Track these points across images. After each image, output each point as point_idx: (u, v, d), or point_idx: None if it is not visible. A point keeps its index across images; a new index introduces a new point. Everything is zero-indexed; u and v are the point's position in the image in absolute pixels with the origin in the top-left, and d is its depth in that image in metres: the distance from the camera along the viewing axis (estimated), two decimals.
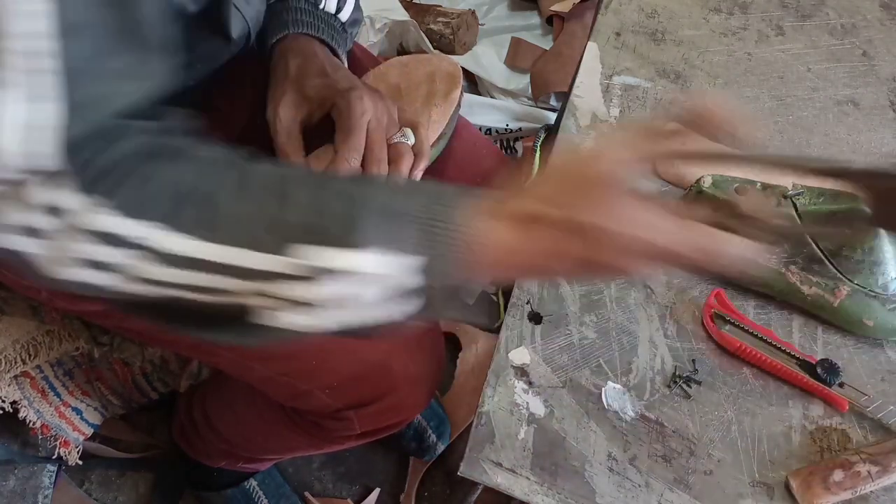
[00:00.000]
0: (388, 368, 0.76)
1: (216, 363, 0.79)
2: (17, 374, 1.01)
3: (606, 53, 0.92)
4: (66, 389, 1.07)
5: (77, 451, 1.12)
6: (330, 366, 0.75)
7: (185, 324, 0.48)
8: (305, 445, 0.91)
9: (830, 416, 0.68)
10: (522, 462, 0.63)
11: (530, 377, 0.67)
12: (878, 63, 0.96)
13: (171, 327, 0.50)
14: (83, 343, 0.99)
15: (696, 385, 0.68)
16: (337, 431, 0.82)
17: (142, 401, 1.15)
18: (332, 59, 0.74)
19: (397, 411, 0.79)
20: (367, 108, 0.68)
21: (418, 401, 0.80)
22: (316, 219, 0.45)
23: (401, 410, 0.79)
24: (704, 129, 0.45)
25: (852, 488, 0.61)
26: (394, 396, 0.77)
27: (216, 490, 1.18)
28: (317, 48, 0.74)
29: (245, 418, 0.96)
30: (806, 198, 0.69)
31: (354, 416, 0.78)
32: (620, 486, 0.62)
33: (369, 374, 0.75)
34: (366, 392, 0.76)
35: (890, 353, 0.72)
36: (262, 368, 0.76)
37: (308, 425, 0.85)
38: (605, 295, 0.73)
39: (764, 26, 0.98)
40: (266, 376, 0.77)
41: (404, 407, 0.79)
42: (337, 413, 0.78)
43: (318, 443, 0.88)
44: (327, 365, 0.75)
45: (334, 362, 0.75)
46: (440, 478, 1.31)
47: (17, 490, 1.17)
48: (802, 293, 0.71)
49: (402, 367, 0.77)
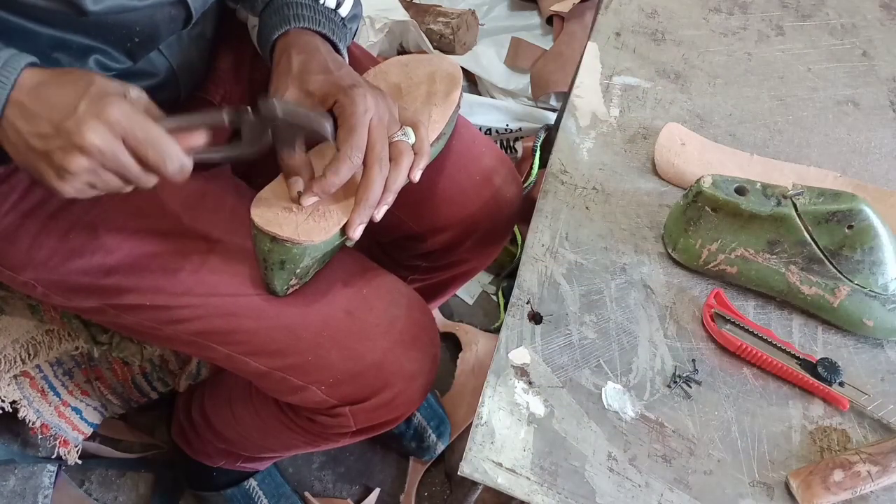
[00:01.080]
0: (384, 365, 0.76)
1: (212, 358, 0.79)
2: (17, 373, 1.01)
3: (606, 53, 0.92)
4: (65, 389, 1.07)
5: (76, 451, 1.12)
6: (325, 362, 0.75)
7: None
8: (301, 443, 0.91)
9: (830, 416, 0.68)
10: (522, 462, 0.63)
11: (530, 377, 0.67)
12: (878, 63, 0.96)
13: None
14: (82, 343, 0.99)
15: (696, 385, 0.68)
16: (332, 428, 0.82)
17: (141, 400, 1.15)
18: (335, 56, 0.75)
19: (392, 408, 0.79)
20: (369, 106, 0.68)
21: (413, 397, 0.80)
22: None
23: (396, 407, 0.79)
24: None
25: (852, 488, 0.61)
26: (389, 393, 0.77)
27: (216, 490, 1.18)
28: (319, 43, 0.74)
29: (241, 416, 0.97)
30: (806, 198, 0.69)
31: (349, 413, 0.78)
32: (620, 486, 0.62)
33: (365, 371, 0.76)
34: (361, 388, 0.77)
35: (890, 353, 0.72)
36: (257, 364, 0.76)
37: (303, 422, 0.85)
38: (605, 295, 0.73)
39: (764, 26, 0.98)
40: (261, 371, 0.77)
41: (399, 404, 0.79)
42: (332, 409, 0.79)
43: (314, 440, 0.88)
44: (323, 361, 0.75)
45: (330, 358, 0.75)
46: (440, 478, 1.31)
47: (17, 490, 1.17)
48: (802, 293, 0.71)
49: (398, 364, 0.77)
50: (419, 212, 0.90)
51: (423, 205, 0.89)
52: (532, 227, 0.76)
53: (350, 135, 0.67)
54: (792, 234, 0.69)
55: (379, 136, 0.68)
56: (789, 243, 0.70)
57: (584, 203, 0.79)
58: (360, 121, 0.67)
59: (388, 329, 0.77)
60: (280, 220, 0.69)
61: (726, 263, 0.73)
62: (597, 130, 0.85)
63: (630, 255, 0.76)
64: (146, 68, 0.75)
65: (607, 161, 0.83)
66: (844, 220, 0.67)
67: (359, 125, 0.67)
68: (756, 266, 0.72)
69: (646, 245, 0.77)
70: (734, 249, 0.72)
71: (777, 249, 0.71)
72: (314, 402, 0.78)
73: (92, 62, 0.70)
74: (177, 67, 0.77)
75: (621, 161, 0.83)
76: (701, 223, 0.72)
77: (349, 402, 0.77)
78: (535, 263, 0.74)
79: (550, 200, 0.79)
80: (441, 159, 0.86)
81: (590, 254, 0.75)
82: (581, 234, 0.77)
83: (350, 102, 0.67)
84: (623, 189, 0.81)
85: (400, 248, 0.99)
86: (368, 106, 0.67)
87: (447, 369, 1.40)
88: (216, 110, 0.67)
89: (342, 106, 0.68)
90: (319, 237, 0.68)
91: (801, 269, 0.71)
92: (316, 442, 0.89)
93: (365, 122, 0.67)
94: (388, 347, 0.76)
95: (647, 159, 0.83)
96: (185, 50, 0.78)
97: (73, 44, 0.69)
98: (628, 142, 0.85)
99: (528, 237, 0.76)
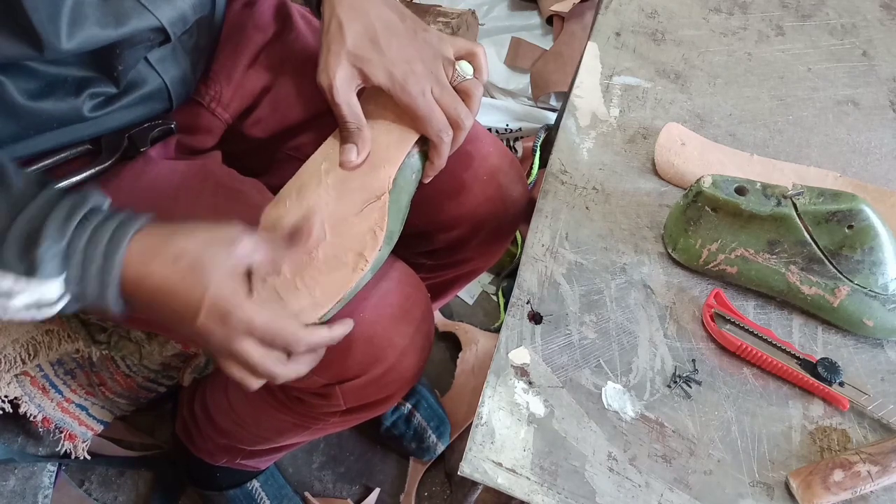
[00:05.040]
0: (373, 339, 0.75)
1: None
2: (18, 373, 1.01)
3: (606, 53, 0.92)
4: (68, 388, 1.07)
5: (84, 445, 1.12)
6: None
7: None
8: (291, 425, 0.90)
9: (830, 416, 0.68)
10: (522, 462, 0.63)
11: (530, 377, 0.67)
12: (878, 63, 0.96)
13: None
14: (82, 345, 0.99)
15: (696, 385, 0.68)
16: (321, 408, 0.81)
17: (150, 396, 1.16)
18: (385, 16, 0.74)
19: (383, 385, 0.78)
20: (423, 84, 0.71)
21: (405, 375, 0.79)
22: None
23: (386, 384, 0.78)
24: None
25: (852, 488, 0.61)
26: (379, 368, 0.76)
27: (218, 490, 1.19)
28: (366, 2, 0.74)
29: (235, 402, 0.97)
30: (806, 198, 0.69)
31: (339, 392, 0.77)
32: (620, 486, 0.62)
33: (353, 345, 0.74)
34: (350, 364, 0.76)
35: (890, 353, 0.72)
36: None
37: (293, 403, 0.85)
38: (605, 295, 0.73)
39: (764, 26, 0.98)
40: None
41: (390, 381, 0.78)
42: (322, 389, 0.78)
43: (304, 420, 0.88)
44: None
45: None
46: (440, 478, 1.31)
47: (17, 490, 1.17)
48: (802, 293, 0.71)
49: (387, 338, 0.76)
50: (425, 208, 0.90)
51: (430, 202, 0.89)
52: (532, 227, 0.76)
53: (426, 125, 0.72)
54: (792, 234, 0.69)
55: (447, 102, 0.73)
56: (789, 243, 0.70)
57: (584, 203, 0.79)
58: (423, 105, 0.71)
59: (378, 302, 0.76)
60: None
61: (726, 263, 0.73)
62: (597, 130, 0.85)
63: (630, 255, 0.76)
64: (136, 80, 0.75)
65: (607, 161, 0.83)
66: (844, 220, 0.67)
67: (426, 109, 0.71)
68: (756, 266, 0.72)
69: (646, 245, 0.77)
70: (734, 249, 0.72)
71: (777, 249, 0.71)
72: (303, 383, 0.78)
73: (86, 97, 0.71)
74: (169, 82, 0.77)
75: (621, 161, 0.83)
76: (701, 223, 0.72)
77: (339, 381, 0.77)
78: (535, 263, 0.74)
79: (550, 200, 0.79)
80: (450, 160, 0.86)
81: (590, 254, 0.75)
82: (581, 234, 0.77)
83: (404, 92, 0.71)
84: (623, 189, 0.81)
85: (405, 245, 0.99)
86: (422, 86, 0.71)
87: (447, 369, 1.40)
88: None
89: (399, 99, 0.72)
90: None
91: (801, 269, 0.71)
92: (306, 423, 0.88)
93: (431, 104, 0.72)
94: (377, 320, 0.75)
95: (647, 159, 0.83)
96: (179, 63, 0.78)
97: (68, 77, 0.69)
98: (628, 142, 0.85)
99: (528, 237, 0.76)
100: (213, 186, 0.80)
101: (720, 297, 0.72)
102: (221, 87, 0.86)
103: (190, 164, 0.82)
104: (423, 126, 0.73)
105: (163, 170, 0.79)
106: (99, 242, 0.59)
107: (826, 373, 0.67)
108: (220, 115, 0.87)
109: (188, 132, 0.85)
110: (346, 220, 0.69)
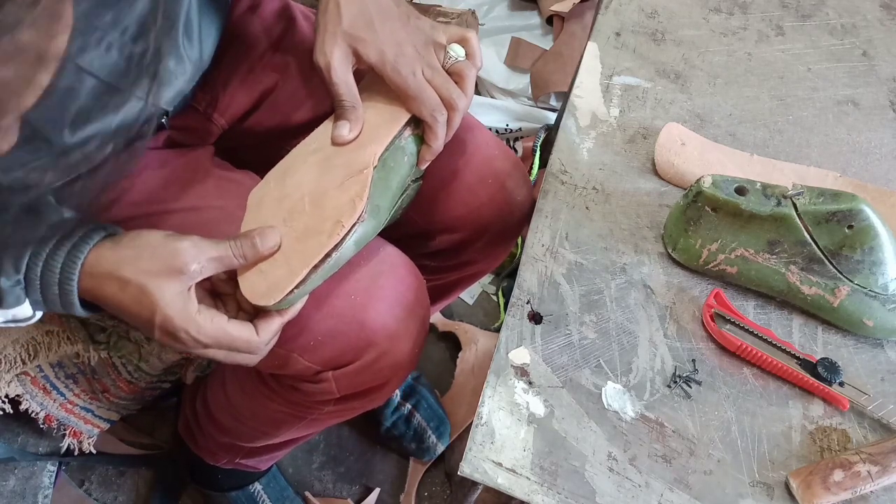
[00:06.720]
0: (366, 323, 0.75)
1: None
2: (18, 373, 1.01)
3: (606, 53, 0.92)
4: (70, 392, 1.07)
5: (90, 441, 1.11)
6: (304, 325, 0.74)
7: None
8: (286, 415, 0.90)
9: (830, 416, 0.68)
10: (522, 462, 0.63)
11: (530, 377, 0.67)
12: (878, 63, 0.96)
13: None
14: (81, 347, 0.99)
15: (696, 385, 0.68)
16: (314, 395, 0.81)
17: (155, 394, 1.16)
18: (380, 1, 0.74)
19: (376, 372, 0.77)
20: (414, 66, 0.71)
21: (399, 361, 0.78)
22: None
23: (380, 371, 0.78)
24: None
25: (852, 488, 0.61)
26: (372, 353, 0.76)
27: (221, 491, 1.19)
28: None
29: (232, 394, 0.97)
30: (806, 198, 0.69)
31: (332, 378, 0.77)
32: (620, 486, 0.62)
33: (346, 329, 0.74)
34: (343, 350, 0.75)
35: (890, 353, 0.72)
36: None
37: (286, 391, 0.84)
38: (605, 295, 0.73)
39: (764, 26, 0.98)
40: None
41: (384, 367, 0.77)
42: (315, 376, 0.78)
43: (298, 410, 0.87)
44: (302, 325, 0.74)
45: (308, 322, 0.74)
46: (440, 478, 1.31)
47: (17, 490, 1.17)
48: (802, 293, 0.71)
49: (381, 322, 0.75)
50: (428, 209, 0.89)
51: (433, 203, 0.89)
52: (532, 227, 0.76)
53: (418, 104, 0.72)
54: (792, 234, 0.69)
55: (439, 82, 0.73)
56: (789, 243, 0.70)
57: (584, 203, 0.79)
58: (415, 86, 0.71)
59: (370, 285, 0.75)
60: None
61: (726, 263, 0.73)
62: (597, 130, 0.85)
63: (630, 255, 0.76)
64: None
65: (607, 161, 0.83)
66: (844, 220, 0.67)
67: (417, 89, 0.71)
68: (756, 266, 0.72)
69: (646, 245, 0.77)
70: (734, 249, 0.72)
71: (777, 249, 0.71)
72: (298, 371, 0.77)
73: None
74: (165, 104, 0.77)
75: (621, 161, 0.83)
76: (701, 223, 0.72)
77: (332, 367, 0.77)
78: (535, 263, 0.74)
79: (550, 200, 0.79)
80: (453, 160, 0.86)
81: (590, 254, 0.75)
82: (581, 234, 0.77)
83: (397, 74, 0.71)
84: (623, 189, 0.81)
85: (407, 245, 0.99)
86: (413, 67, 0.71)
87: (447, 369, 1.40)
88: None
89: (391, 80, 0.72)
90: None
91: (801, 269, 0.71)
92: (301, 413, 0.88)
93: (422, 84, 0.71)
94: (370, 304, 0.75)
95: (647, 159, 0.83)
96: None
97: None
98: (628, 142, 0.85)
99: (528, 237, 0.76)
100: (202, 176, 0.80)
101: (720, 297, 0.72)
102: (220, 94, 0.86)
103: (179, 152, 0.82)
104: (415, 106, 0.72)
105: (151, 160, 0.79)
106: (53, 269, 0.62)
107: (826, 373, 0.67)
108: (216, 121, 0.86)
109: (182, 131, 0.84)
110: (326, 193, 0.69)
